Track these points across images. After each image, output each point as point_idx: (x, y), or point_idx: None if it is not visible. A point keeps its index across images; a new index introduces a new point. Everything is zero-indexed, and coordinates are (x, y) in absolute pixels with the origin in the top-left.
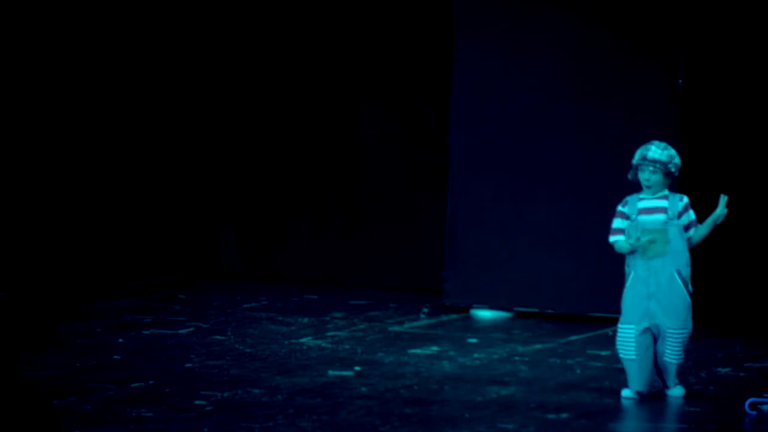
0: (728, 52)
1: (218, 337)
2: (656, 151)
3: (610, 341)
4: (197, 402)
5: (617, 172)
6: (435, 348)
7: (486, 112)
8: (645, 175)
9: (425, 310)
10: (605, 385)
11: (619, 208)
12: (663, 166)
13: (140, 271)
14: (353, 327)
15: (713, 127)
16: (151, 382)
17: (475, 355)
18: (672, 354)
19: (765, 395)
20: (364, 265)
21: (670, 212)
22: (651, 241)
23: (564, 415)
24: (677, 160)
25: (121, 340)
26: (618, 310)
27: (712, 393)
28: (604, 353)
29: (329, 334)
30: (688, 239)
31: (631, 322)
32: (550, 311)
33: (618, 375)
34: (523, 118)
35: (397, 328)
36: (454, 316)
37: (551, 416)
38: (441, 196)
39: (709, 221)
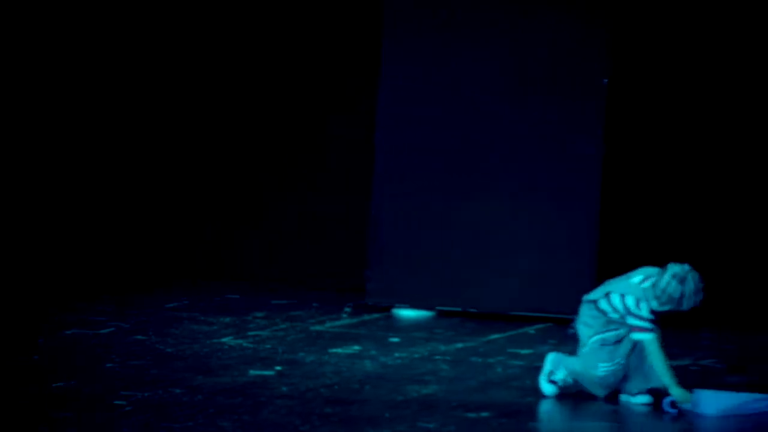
0: (654, 51)
1: (139, 337)
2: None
3: (531, 340)
4: (117, 402)
5: (542, 171)
6: (356, 347)
7: (412, 110)
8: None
9: (347, 309)
10: (526, 384)
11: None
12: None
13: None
14: (275, 327)
15: (638, 126)
16: (71, 382)
17: (397, 355)
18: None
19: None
20: (286, 265)
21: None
22: None
23: (485, 414)
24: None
25: (41, 340)
26: (539, 308)
27: None
28: (525, 352)
29: (250, 333)
30: None
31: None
32: (472, 310)
33: (539, 373)
34: (449, 117)
35: (318, 327)
36: (376, 315)
37: (472, 415)
38: (365, 196)
39: None
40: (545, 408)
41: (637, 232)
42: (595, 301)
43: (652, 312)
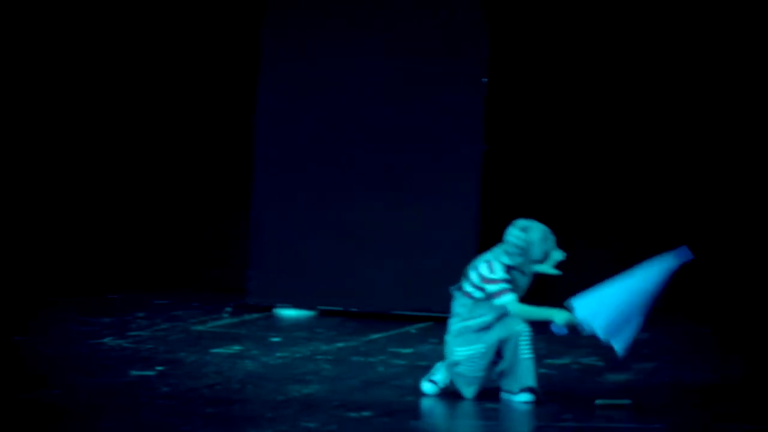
0: (533, 51)
1: (19, 338)
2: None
3: (412, 339)
4: None
5: (423, 171)
6: (238, 347)
7: (292, 112)
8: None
9: (228, 309)
10: (407, 383)
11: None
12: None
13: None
14: (155, 327)
15: (518, 124)
16: None
17: (278, 354)
18: (526, 351)
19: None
20: (167, 264)
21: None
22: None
23: (366, 414)
24: None
25: None
26: (420, 308)
27: None
28: (406, 351)
29: (131, 334)
30: None
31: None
32: (353, 310)
33: (420, 372)
34: (329, 118)
35: (199, 327)
36: (257, 315)
37: (353, 414)
38: (246, 196)
39: None
40: (426, 407)
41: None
42: (460, 287)
43: (509, 270)
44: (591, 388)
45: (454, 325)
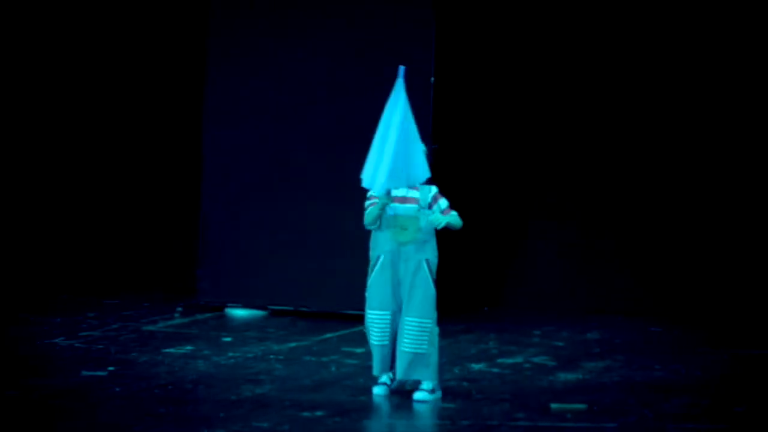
0: (481, 49)
1: None
2: None
3: (364, 339)
4: None
5: None
6: (189, 347)
7: (239, 111)
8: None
9: (179, 309)
10: (360, 383)
11: (370, 192)
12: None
13: None
14: (106, 327)
15: (465, 124)
16: None
17: (230, 354)
18: (410, 344)
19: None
20: (117, 264)
21: (422, 203)
22: (403, 228)
23: (319, 413)
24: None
25: None
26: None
27: (465, 389)
28: (359, 351)
29: (82, 334)
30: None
31: (386, 309)
32: (304, 309)
33: (371, 370)
34: (276, 118)
35: (150, 327)
36: (208, 315)
37: (306, 414)
38: (194, 196)
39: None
40: (378, 406)
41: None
42: None
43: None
44: (543, 387)
45: None
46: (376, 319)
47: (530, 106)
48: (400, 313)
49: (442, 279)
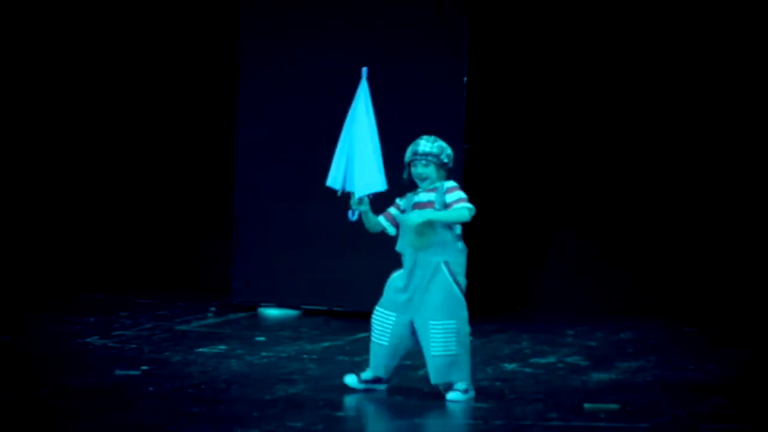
0: (514, 50)
1: (3, 338)
2: (426, 144)
3: None
4: None
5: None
6: (223, 347)
7: (272, 112)
8: (418, 170)
9: (212, 308)
10: (393, 382)
11: (397, 199)
12: (435, 158)
13: None
14: (140, 326)
15: (497, 124)
16: None
17: (263, 354)
18: (437, 347)
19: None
20: (151, 263)
21: (436, 205)
22: (419, 234)
23: (352, 413)
24: (449, 150)
25: None
26: None
27: (498, 389)
28: None
29: (115, 333)
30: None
31: (393, 311)
32: (337, 309)
33: (406, 372)
34: (308, 120)
35: (184, 327)
36: (241, 314)
37: (340, 414)
38: (228, 195)
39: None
40: (412, 406)
41: (499, 230)
42: None
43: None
44: (576, 387)
45: None
46: (380, 317)
47: (563, 104)
48: (407, 319)
49: (475, 279)
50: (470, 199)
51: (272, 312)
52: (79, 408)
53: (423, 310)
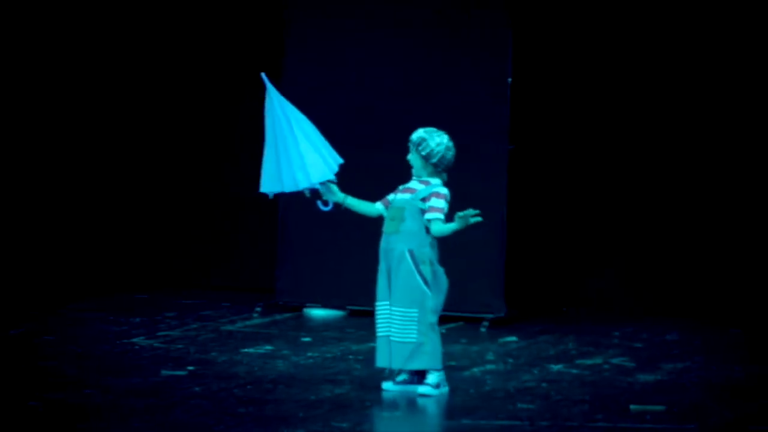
0: (558, 51)
1: (48, 337)
2: (416, 133)
3: (443, 339)
4: (31, 404)
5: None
6: (268, 347)
7: (316, 111)
8: (408, 156)
9: (258, 309)
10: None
11: (399, 187)
12: (414, 147)
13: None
14: (186, 326)
15: (542, 126)
16: None
17: (309, 354)
18: (398, 333)
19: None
20: (196, 265)
21: (416, 195)
22: (391, 218)
23: (398, 413)
24: (434, 146)
25: None
26: (450, 308)
27: (544, 390)
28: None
29: (161, 333)
30: (428, 224)
31: (383, 300)
32: None
33: (451, 372)
34: (351, 119)
35: (229, 327)
36: (287, 315)
37: (385, 414)
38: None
39: (456, 222)
40: (458, 406)
41: (544, 231)
42: None
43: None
44: (622, 389)
45: None
46: (377, 310)
47: (606, 104)
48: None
49: (520, 279)
50: (517, 201)
51: (318, 312)
52: (125, 408)
53: (391, 295)
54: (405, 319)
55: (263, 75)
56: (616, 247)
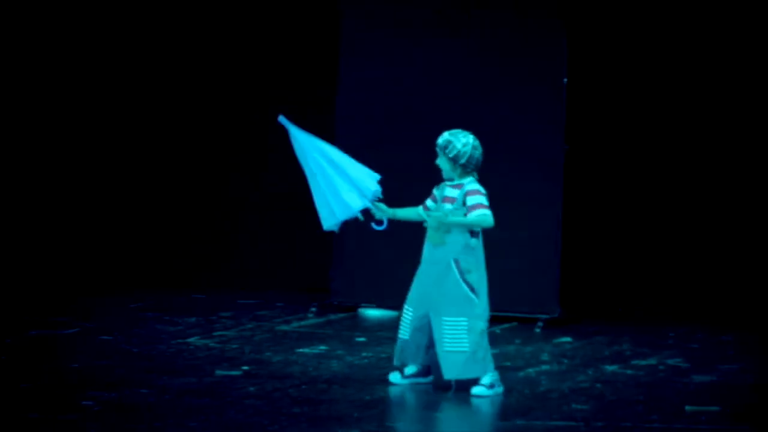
0: (613, 51)
1: (105, 337)
2: (441, 137)
3: (497, 340)
4: (85, 403)
5: (504, 172)
6: (323, 347)
7: (371, 111)
8: (436, 161)
9: (313, 309)
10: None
11: (434, 189)
12: (441, 150)
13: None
14: (241, 327)
15: (598, 126)
16: (38, 382)
17: (364, 354)
18: (449, 343)
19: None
20: (252, 265)
21: (456, 202)
22: (435, 229)
23: (453, 413)
24: (461, 148)
25: (8, 340)
26: (504, 308)
27: (599, 390)
28: (491, 351)
29: (217, 333)
30: (480, 222)
31: (410, 306)
32: None
33: (506, 373)
34: (408, 117)
35: (284, 327)
36: (341, 315)
37: (440, 415)
38: None
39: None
40: (512, 407)
41: (599, 232)
42: None
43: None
44: (677, 389)
45: None
46: (403, 312)
47: (662, 104)
48: (423, 312)
49: (575, 280)
50: (573, 202)
51: (372, 312)
52: (180, 408)
53: (436, 306)
54: (456, 329)
55: (282, 118)
56: (672, 248)
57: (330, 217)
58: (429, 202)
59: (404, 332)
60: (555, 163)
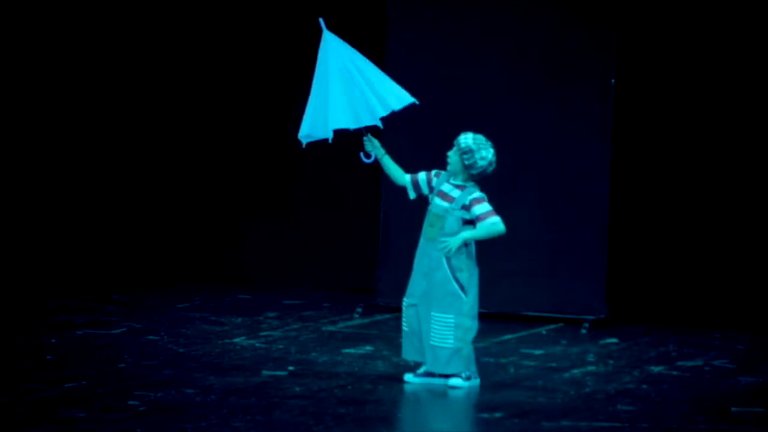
0: (661, 52)
1: (151, 337)
2: (465, 139)
3: (543, 341)
4: (130, 402)
5: (551, 172)
6: (369, 348)
7: (418, 112)
8: (448, 152)
9: (359, 309)
10: (539, 384)
11: (435, 171)
12: (458, 151)
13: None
14: (287, 327)
15: (645, 128)
16: (84, 382)
17: None
18: (436, 338)
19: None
20: (298, 265)
21: (456, 203)
22: (430, 224)
23: (497, 414)
24: (481, 163)
25: (54, 340)
26: (551, 309)
27: (644, 391)
28: (537, 352)
29: (263, 334)
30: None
31: (409, 296)
32: (483, 310)
33: (551, 374)
34: (453, 119)
35: (330, 327)
36: (387, 315)
37: (485, 415)
38: (374, 196)
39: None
40: (557, 408)
41: (646, 233)
42: None
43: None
44: (723, 391)
45: None
46: (404, 304)
47: (711, 105)
48: (416, 306)
49: (621, 280)
50: (619, 203)
51: None
52: (226, 408)
53: (427, 299)
54: (442, 325)
55: (321, 20)
56: (720, 249)
57: (329, 123)
58: (422, 176)
59: (406, 324)
60: (602, 163)
